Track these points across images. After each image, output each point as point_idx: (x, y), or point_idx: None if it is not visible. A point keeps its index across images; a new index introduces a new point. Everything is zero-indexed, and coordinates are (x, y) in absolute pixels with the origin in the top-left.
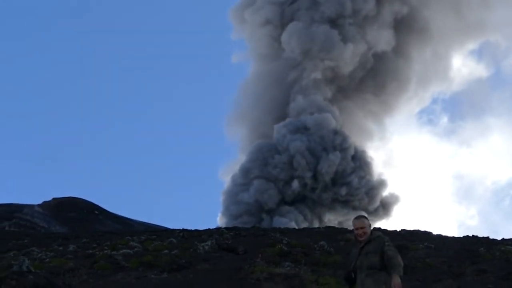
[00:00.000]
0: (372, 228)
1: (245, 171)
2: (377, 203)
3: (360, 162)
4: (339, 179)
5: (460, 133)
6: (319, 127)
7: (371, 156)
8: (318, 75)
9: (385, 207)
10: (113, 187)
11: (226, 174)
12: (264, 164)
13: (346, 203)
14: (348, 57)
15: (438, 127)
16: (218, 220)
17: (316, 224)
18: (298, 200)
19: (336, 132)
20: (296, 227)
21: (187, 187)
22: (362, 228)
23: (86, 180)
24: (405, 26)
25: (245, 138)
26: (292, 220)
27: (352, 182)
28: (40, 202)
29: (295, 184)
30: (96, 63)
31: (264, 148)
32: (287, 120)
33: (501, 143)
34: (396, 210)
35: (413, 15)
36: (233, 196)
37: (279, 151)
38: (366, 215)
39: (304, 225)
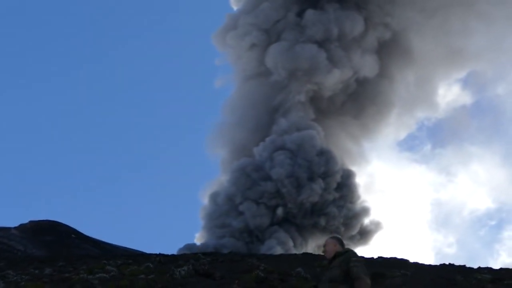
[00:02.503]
0: (341, 246)
1: (230, 193)
2: (355, 231)
3: (343, 190)
4: (318, 210)
5: (440, 160)
6: (302, 146)
7: (358, 182)
8: (302, 97)
9: (364, 235)
10: (91, 211)
11: (206, 194)
12: (250, 186)
13: (324, 229)
14: (334, 82)
15: (418, 153)
16: (196, 240)
17: (303, 247)
18: (286, 221)
19: (321, 153)
20: (283, 252)
21: (165, 209)
22: (324, 246)
23: (64, 203)
24: (388, 51)
25: (227, 157)
26: (280, 243)
27: (331, 212)
28: (16, 224)
29: (280, 210)
30: (74, 85)
31: (247, 167)
32: (267, 140)
33: (482, 172)
34: (374, 237)
35: (396, 40)
36: (217, 219)
37: (264, 173)
38: (336, 235)
39: (295, 249)
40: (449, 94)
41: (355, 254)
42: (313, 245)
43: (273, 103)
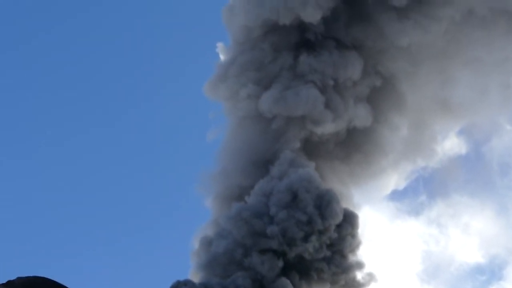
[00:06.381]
0: None
1: (231, 243)
2: (343, 283)
3: (338, 245)
4: (308, 265)
5: (430, 212)
6: (298, 193)
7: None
8: (297, 144)
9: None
10: (79, 266)
11: (197, 239)
12: (252, 238)
13: (318, 280)
14: (329, 132)
15: (408, 204)
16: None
17: None
18: (290, 269)
19: (320, 199)
20: None
21: (156, 259)
22: None
23: (51, 259)
24: (379, 99)
25: (218, 202)
26: None
27: (319, 267)
28: (4, 281)
29: (280, 263)
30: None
31: (244, 213)
32: (259, 186)
33: (473, 224)
34: None
35: (387, 88)
36: (220, 269)
37: (263, 224)
38: None
39: None
40: (443, 144)
41: None
42: None
43: (268, 149)
